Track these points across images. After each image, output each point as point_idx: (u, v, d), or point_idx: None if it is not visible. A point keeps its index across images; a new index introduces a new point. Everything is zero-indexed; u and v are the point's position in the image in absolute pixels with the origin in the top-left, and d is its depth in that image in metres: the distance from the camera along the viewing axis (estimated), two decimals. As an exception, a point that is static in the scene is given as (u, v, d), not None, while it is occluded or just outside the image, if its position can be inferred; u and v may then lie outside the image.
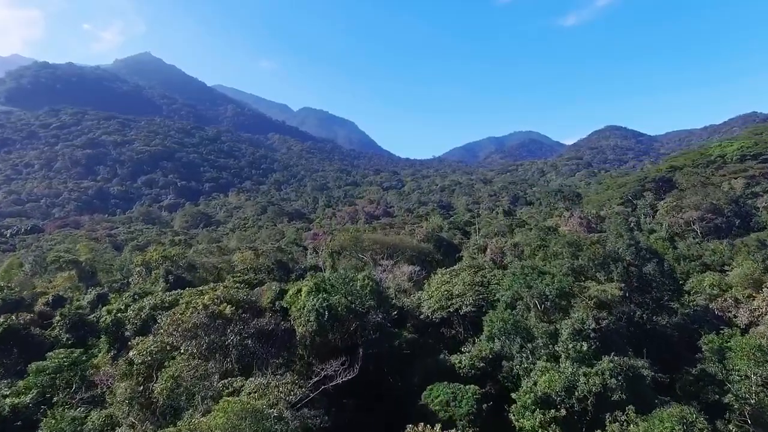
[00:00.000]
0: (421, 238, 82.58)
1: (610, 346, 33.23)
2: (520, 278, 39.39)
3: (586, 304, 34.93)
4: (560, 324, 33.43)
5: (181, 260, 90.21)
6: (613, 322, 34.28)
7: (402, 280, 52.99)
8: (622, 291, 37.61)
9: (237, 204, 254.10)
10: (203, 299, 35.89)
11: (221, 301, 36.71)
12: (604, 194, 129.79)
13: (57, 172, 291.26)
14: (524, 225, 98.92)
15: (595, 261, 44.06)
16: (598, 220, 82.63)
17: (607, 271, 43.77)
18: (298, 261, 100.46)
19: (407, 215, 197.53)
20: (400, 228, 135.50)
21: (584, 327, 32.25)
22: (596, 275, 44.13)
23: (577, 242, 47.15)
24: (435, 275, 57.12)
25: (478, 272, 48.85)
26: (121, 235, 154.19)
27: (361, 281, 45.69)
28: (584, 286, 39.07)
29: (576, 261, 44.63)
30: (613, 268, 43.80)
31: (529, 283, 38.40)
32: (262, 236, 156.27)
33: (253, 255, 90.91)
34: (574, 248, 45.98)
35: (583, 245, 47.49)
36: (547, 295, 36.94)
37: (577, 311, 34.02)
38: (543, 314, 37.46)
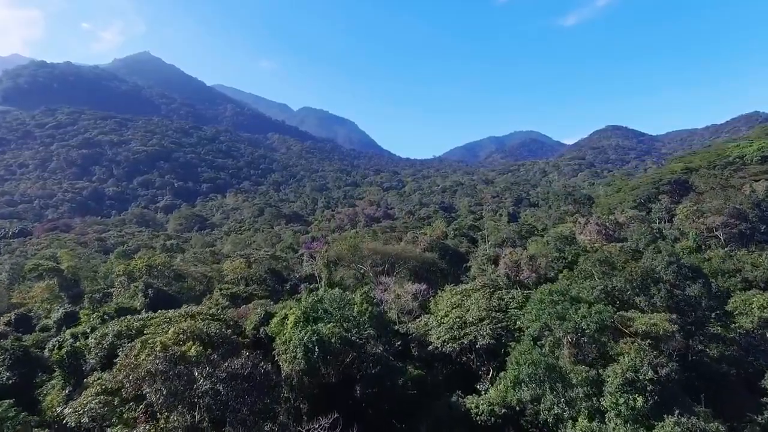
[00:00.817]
0: (424, 247, 75.75)
1: (667, 397, 26.49)
2: (549, 306, 32.53)
3: (638, 346, 28.03)
4: (605, 371, 26.54)
5: (167, 270, 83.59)
6: (674, 370, 27.38)
7: (406, 300, 46.21)
8: (677, 325, 30.70)
9: (234, 205, 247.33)
10: (165, 337, 29.06)
11: (188, 336, 29.95)
12: (615, 197, 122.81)
13: (52, 172, 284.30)
14: (534, 231, 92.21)
15: (633, 283, 37.19)
16: (616, 226, 75.75)
17: (647, 294, 36.93)
18: (293, 269, 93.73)
19: (408, 217, 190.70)
20: (401, 233, 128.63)
21: (638, 376, 25.42)
22: (635, 299, 37.29)
23: (609, 260, 40.26)
24: (443, 292, 50.39)
25: (494, 293, 42.05)
26: (111, 238, 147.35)
27: (359, 305, 38.90)
28: (627, 317, 32.19)
29: (610, 282, 37.74)
30: (654, 292, 36.97)
31: (561, 313, 31.55)
32: (258, 240, 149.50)
33: (245, 264, 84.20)
34: (607, 267, 39.09)
35: (616, 262, 40.64)
36: (584, 329, 30.08)
37: (627, 354, 27.12)
38: (578, 352, 30.62)
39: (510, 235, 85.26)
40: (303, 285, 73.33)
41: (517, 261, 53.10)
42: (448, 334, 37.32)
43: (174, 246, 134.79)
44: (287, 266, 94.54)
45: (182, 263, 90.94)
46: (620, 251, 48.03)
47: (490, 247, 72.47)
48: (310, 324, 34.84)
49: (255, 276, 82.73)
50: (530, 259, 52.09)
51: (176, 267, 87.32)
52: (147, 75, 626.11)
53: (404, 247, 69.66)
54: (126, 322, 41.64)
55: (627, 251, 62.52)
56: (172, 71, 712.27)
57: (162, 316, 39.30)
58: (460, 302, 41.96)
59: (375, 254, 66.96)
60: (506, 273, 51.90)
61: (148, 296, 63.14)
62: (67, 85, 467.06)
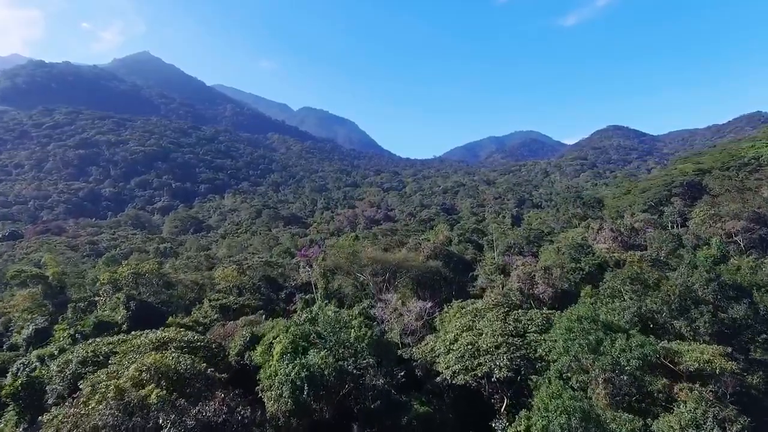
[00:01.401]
0: (428, 254, 70.68)
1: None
2: (579, 336, 27.51)
3: (699, 394, 23.00)
4: (657, 422, 21.52)
5: (155, 278, 78.60)
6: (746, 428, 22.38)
7: (409, 319, 41.21)
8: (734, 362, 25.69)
9: (232, 206, 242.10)
10: (122, 380, 24.02)
11: (152, 375, 24.99)
12: (624, 199, 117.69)
13: (48, 173, 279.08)
14: (543, 236, 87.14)
15: (671, 304, 32.14)
16: (631, 232, 70.72)
17: (688, 318, 31.88)
18: (289, 275, 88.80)
19: (409, 219, 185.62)
20: (403, 236, 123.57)
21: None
22: (673, 324, 32.25)
23: (640, 277, 35.20)
24: (450, 309, 45.42)
25: (509, 314, 37.05)
26: (104, 241, 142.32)
27: (357, 330, 33.85)
28: (674, 351, 27.15)
29: (643, 304, 32.72)
30: (695, 315, 31.94)
31: (594, 345, 26.53)
32: (255, 243, 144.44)
33: (237, 272, 79.14)
34: (639, 285, 34.06)
35: (648, 279, 35.61)
36: (623, 365, 25.06)
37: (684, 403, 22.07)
38: (616, 392, 25.60)
39: (518, 240, 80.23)
40: (299, 296, 68.39)
41: (530, 273, 48.09)
42: (459, 364, 32.28)
43: (167, 250, 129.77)
44: (283, 273, 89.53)
45: (171, 270, 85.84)
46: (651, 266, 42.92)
47: (499, 255, 67.48)
48: (299, 356, 29.79)
49: (248, 284, 77.78)
50: (545, 272, 47.06)
51: (165, 274, 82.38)
52: (146, 75, 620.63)
53: (406, 255, 64.63)
54: (93, 347, 36.66)
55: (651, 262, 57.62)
56: (172, 71, 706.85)
57: (133, 341, 34.28)
58: (471, 324, 36.93)
59: (375, 263, 61.91)
60: (519, 287, 46.87)
61: (130, 309, 58.21)
62: (65, 85, 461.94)
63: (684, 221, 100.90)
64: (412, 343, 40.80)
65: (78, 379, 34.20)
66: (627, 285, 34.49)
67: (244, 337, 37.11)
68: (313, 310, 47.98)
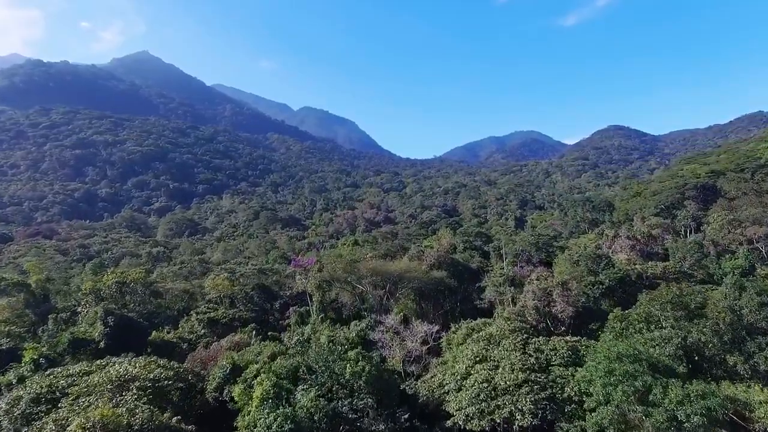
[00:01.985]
0: (431, 263, 65.69)
1: None
2: (622, 380, 22.48)
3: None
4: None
5: (141, 287, 73.63)
6: None
7: (414, 344, 36.22)
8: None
9: (230, 207, 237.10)
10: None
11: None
12: (634, 202, 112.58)
13: (43, 173, 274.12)
14: (552, 242, 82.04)
15: (723, 336, 27.13)
16: (648, 240, 65.71)
17: (744, 352, 26.86)
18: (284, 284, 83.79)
19: (410, 221, 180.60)
20: (404, 240, 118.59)
21: None
22: (725, 358, 27.22)
23: (682, 301, 30.19)
24: (458, 330, 40.48)
25: (528, 342, 32.06)
26: (95, 245, 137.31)
27: (353, 364, 28.86)
28: (743, 402, 22.13)
29: (689, 334, 27.69)
30: (752, 348, 26.92)
31: (641, 393, 21.52)
32: (251, 247, 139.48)
33: (229, 281, 74.06)
34: (681, 310, 29.06)
35: (689, 302, 30.59)
36: (682, 422, 20.05)
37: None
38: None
39: (526, 247, 75.14)
40: (292, 309, 63.38)
41: (547, 289, 43.08)
42: (474, 406, 27.28)
43: (160, 254, 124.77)
44: (278, 281, 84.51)
45: (159, 279, 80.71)
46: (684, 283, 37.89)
47: (508, 264, 62.52)
48: (283, 402, 24.76)
49: (240, 294, 72.76)
50: (564, 288, 42.03)
51: (153, 282, 77.38)
52: (145, 74, 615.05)
53: (408, 265, 59.63)
54: (50, 380, 31.64)
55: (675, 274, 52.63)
56: (171, 71, 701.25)
57: (92, 378, 29.25)
58: (484, 353, 31.91)
59: (375, 274, 56.95)
60: (535, 305, 41.86)
61: (108, 325, 53.18)
62: (63, 85, 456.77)
63: (698, 226, 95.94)
64: (416, 371, 35.82)
65: (29, 420, 29.26)
66: (668, 311, 29.45)
67: (224, 368, 32.07)
68: (305, 331, 43.07)
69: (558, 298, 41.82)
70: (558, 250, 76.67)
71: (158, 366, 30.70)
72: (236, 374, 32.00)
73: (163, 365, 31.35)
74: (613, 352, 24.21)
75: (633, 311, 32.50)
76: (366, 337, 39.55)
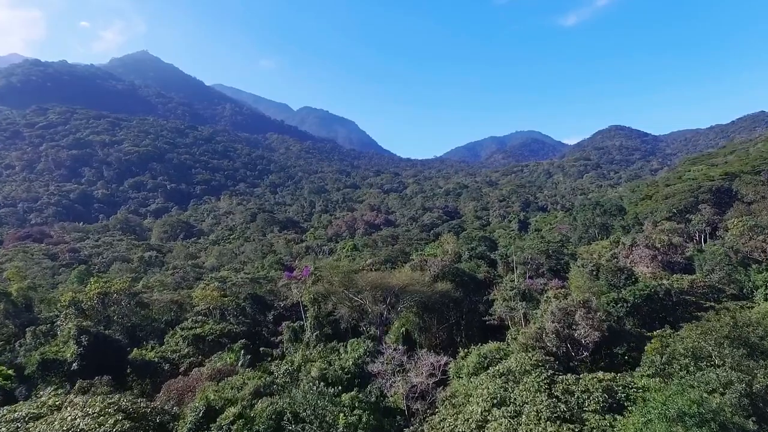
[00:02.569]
0: (435, 273, 60.79)
1: None
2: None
3: None
4: None
5: (125, 298, 68.70)
6: None
7: (420, 378, 31.27)
8: None
9: (228, 209, 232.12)
10: None
11: None
12: (644, 205, 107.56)
13: (39, 174, 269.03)
14: (563, 248, 77.10)
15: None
16: (669, 248, 60.73)
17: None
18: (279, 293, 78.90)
19: (411, 224, 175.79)
20: (405, 244, 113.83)
21: None
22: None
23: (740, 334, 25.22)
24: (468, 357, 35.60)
25: (554, 379, 27.13)
26: (86, 249, 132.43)
27: (347, 414, 23.92)
28: None
29: (755, 378, 22.71)
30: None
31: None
32: (247, 251, 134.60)
33: (218, 292, 69.09)
34: (742, 347, 24.11)
35: (749, 336, 25.63)
36: None
37: None
38: None
39: (535, 255, 70.23)
40: (285, 324, 58.32)
41: (566, 309, 38.14)
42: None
43: (153, 258, 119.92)
44: (272, 290, 79.58)
45: (145, 289, 75.61)
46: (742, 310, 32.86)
47: (519, 276, 57.59)
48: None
49: (230, 306, 67.83)
50: (587, 309, 37.06)
51: (139, 292, 72.41)
52: (144, 74, 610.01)
53: (410, 276, 54.71)
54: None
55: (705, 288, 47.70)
56: (171, 70, 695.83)
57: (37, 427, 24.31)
58: (503, 393, 26.97)
59: (375, 288, 52.03)
60: (555, 329, 36.90)
61: (81, 344, 48.26)
62: (61, 84, 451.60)
63: (713, 231, 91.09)
64: (421, 409, 30.85)
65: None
66: (725, 347, 24.52)
67: (197, 411, 27.11)
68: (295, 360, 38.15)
69: (581, 320, 36.85)
70: (569, 258, 71.83)
71: (118, 410, 25.69)
72: (211, 418, 27.08)
73: (124, 409, 26.37)
74: (672, 409, 19.26)
75: (677, 344, 27.50)
76: (364, 366, 34.62)
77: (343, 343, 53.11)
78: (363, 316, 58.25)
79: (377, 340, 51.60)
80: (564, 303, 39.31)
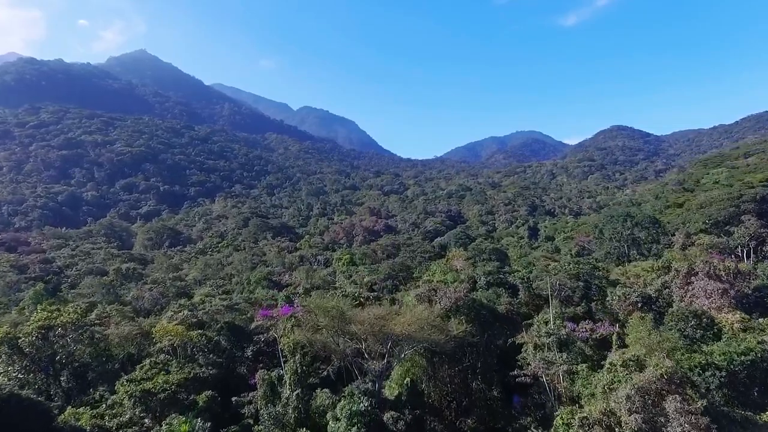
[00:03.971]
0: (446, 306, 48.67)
1: None
2: None
3: None
4: None
5: (73, 333, 56.52)
6: None
7: None
8: None
9: (221, 212, 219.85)
10: None
11: None
12: (674, 215, 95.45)
13: (27, 175, 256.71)
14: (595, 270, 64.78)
15: None
16: (734, 275, 48.48)
17: None
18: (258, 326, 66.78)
19: (413, 230, 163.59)
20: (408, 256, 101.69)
21: None
22: None
23: None
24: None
25: None
26: (61, 258, 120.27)
27: None
28: None
29: None
30: None
31: None
32: (235, 261, 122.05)
33: (185, 325, 56.89)
34: None
35: None
36: None
37: None
38: None
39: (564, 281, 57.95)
40: (260, 374, 46.16)
41: (648, 390, 26.05)
42: None
43: (130, 271, 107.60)
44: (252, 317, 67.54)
45: (100, 319, 63.18)
46: None
47: (555, 317, 45.42)
48: None
49: (200, 342, 55.82)
50: (682, 396, 24.96)
51: (92, 324, 60.33)
52: (142, 73, 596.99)
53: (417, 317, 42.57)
54: None
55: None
56: (169, 69, 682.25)
57: None
58: None
59: (372, 334, 40.00)
60: (637, 423, 24.78)
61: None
62: (56, 83, 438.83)
63: (758, 245, 79.17)
64: None
65: None
66: None
67: None
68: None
69: (676, 414, 24.69)
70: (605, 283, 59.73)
71: None
72: None
73: None
74: None
75: None
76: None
77: (332, 398, 41.68)
78: (358, 357, 46.32)
79: (375, 396, 39.71)
80: (643, 380, 27.13)
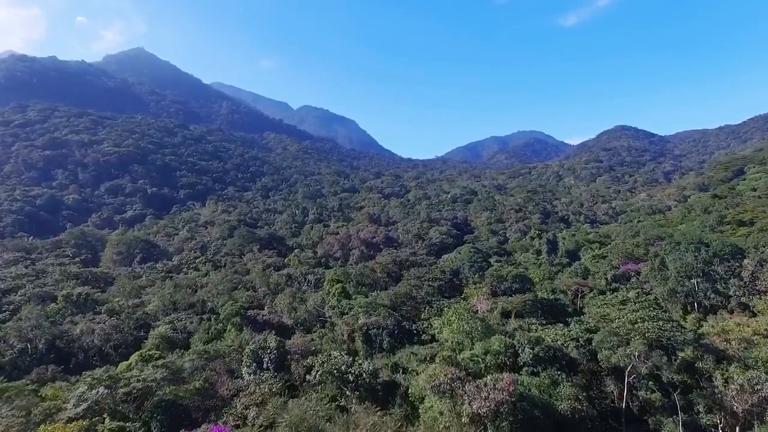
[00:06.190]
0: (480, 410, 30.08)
1: None
2: None
3: None
4: None
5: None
6: None
7: None
8: None
9: (209, 217, 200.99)
10: None
11: None
12: (735, 236, 76.60)
13: (6, 177, 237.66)
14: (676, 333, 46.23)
15: None
16: None
17: None
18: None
19: (417, 243, 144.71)
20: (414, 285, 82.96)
21: None
22: None
23: None
24: None
25: None
26: (7, 279, 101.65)
27: None
28: None
29: None
30: None
31: None
32: (212, 281, 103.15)
33: (86, 422, 38.40)
34: None
35: None
36: None
37: None
38: None
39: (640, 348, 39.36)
40: None
41: None
42: None
43: (82, 298, 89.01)
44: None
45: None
46: None
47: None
48: None
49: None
50: None
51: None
52: (139, 71, 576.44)
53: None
54: None
55: None
56: (166, 68, 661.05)
57: None
58: None
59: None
60: None
61: None
62: (47, 81, 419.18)
63: None
64: None
65: None
66: None
67: None
68: None
69: None
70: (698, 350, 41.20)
71: None
72: None
73: None
74: None
75: None
76: None
77: None
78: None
79: None
80: None
